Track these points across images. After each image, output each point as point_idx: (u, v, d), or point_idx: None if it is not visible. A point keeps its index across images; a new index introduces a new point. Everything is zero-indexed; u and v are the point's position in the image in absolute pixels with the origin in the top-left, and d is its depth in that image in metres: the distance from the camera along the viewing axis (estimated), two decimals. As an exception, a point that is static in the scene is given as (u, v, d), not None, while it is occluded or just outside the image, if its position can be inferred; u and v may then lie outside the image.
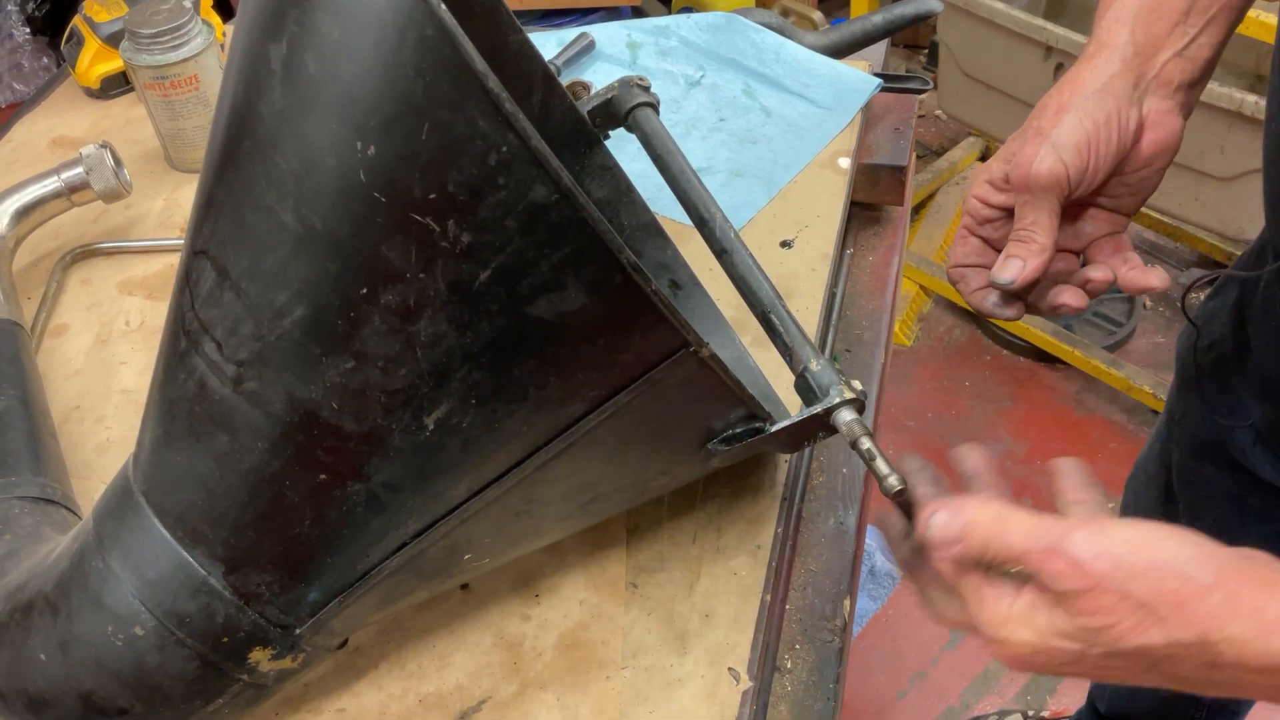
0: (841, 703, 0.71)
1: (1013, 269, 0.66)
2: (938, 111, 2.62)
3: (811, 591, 0.75)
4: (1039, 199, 0.65)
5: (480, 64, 0.43)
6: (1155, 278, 0.66)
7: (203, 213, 0.53)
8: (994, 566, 0.52)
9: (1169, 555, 0.48)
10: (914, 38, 2.89)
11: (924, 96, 1.11)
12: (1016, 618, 0.51)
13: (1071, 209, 0.68)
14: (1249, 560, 0.48)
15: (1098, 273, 0.68)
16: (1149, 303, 2.28)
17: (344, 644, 0.62)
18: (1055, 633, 0.50)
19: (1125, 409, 2.08)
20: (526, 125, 0.44)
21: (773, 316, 0.66)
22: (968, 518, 0.52)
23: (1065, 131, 0.64)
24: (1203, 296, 0.99)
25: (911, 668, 1.76)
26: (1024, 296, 0.70)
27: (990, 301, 0.70)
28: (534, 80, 0.77)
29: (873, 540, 1.71)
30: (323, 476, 0.52)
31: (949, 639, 1.78)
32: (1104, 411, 2.09)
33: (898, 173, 1.02)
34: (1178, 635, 0.47)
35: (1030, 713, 1.63)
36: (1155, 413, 2.04)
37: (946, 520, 0.52)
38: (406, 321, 0.48)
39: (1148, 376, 2.01)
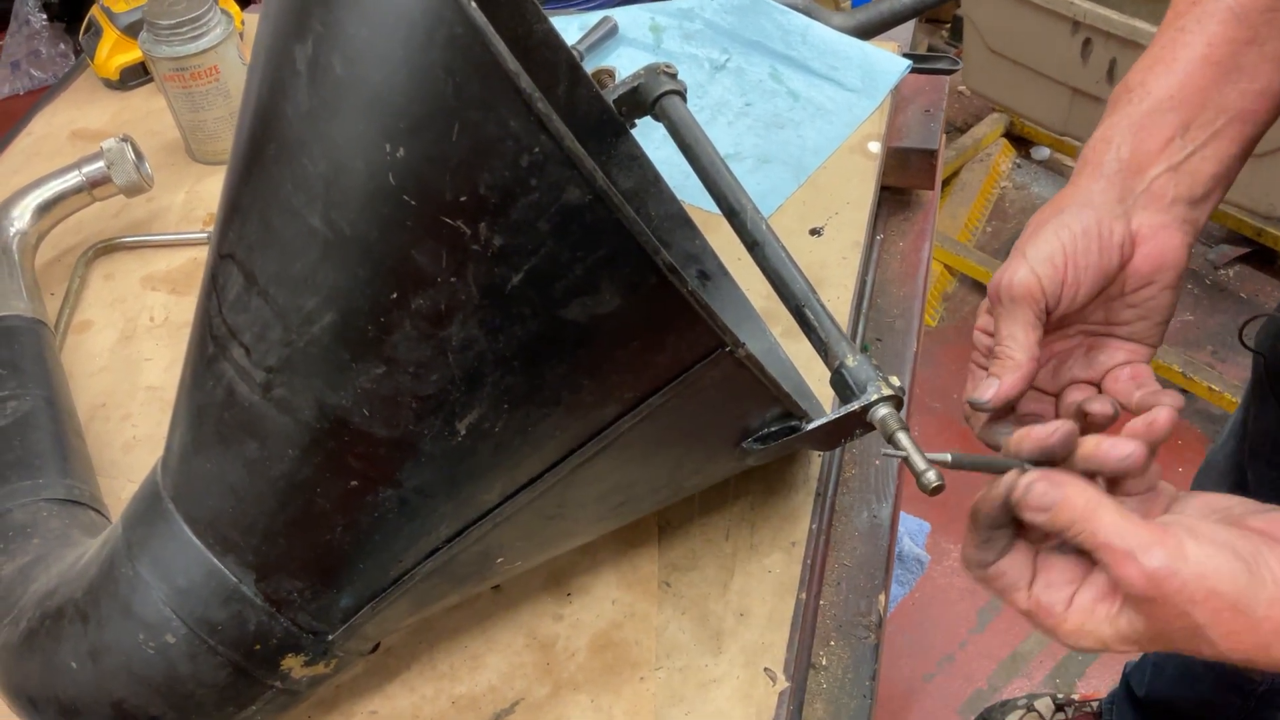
0: (877, 698, 0.70)
1: (989, 389, 0.61)
2: (961, 87, 2.59)
3: (846, 587, 0.74)
4: (1012, 311, 0.61)
5: (512, 63, 0.42)
6: (1167, 403, 0.60)
7: (229, 216, 0.52)
8: (1066, 543, 0.53)
9: (1229, 578, 0.49)
10: (936, 12, 2.85)
11: (946, 72, 1.09)
12: (1084, 609, 0.53)
13: (1086, 340, 0.66)
14: None
15: (1097, 405, 0.62)
16: (1177, 280, 2.25)
17: (376, 648, 0.61)
18: (1126, 631, 0.52)
19: (1153, 388, 2.06)
20: (560, 126, 0.43)
21: (806, 311, 0.65)
22: (1065, 493, 0.52)
23: (1039, 244, 0.61)
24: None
25: (939, 651, 1.75)
26: (1010, 413, 0.65)
27: (995, 431, 0.64)
28: (559, 69, 0.76)
29: (899, 525, 1.70)
30: (354, 483, 0.51)
31: (976, 622, 1.77)
32: (1132, 391, 2.07)
33: (928, 156, 1.00)
34: (1225, 653, 0.50)
35: (1060, 696, 1.61)
36: (1185, 391, 2.01)
37: (1045, 490, 0.52)
38: (437, 326, 0.47)
39: (1176, 355, 1.99)
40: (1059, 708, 1.60)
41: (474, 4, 0.42)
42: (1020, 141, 2.58)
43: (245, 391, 0.51)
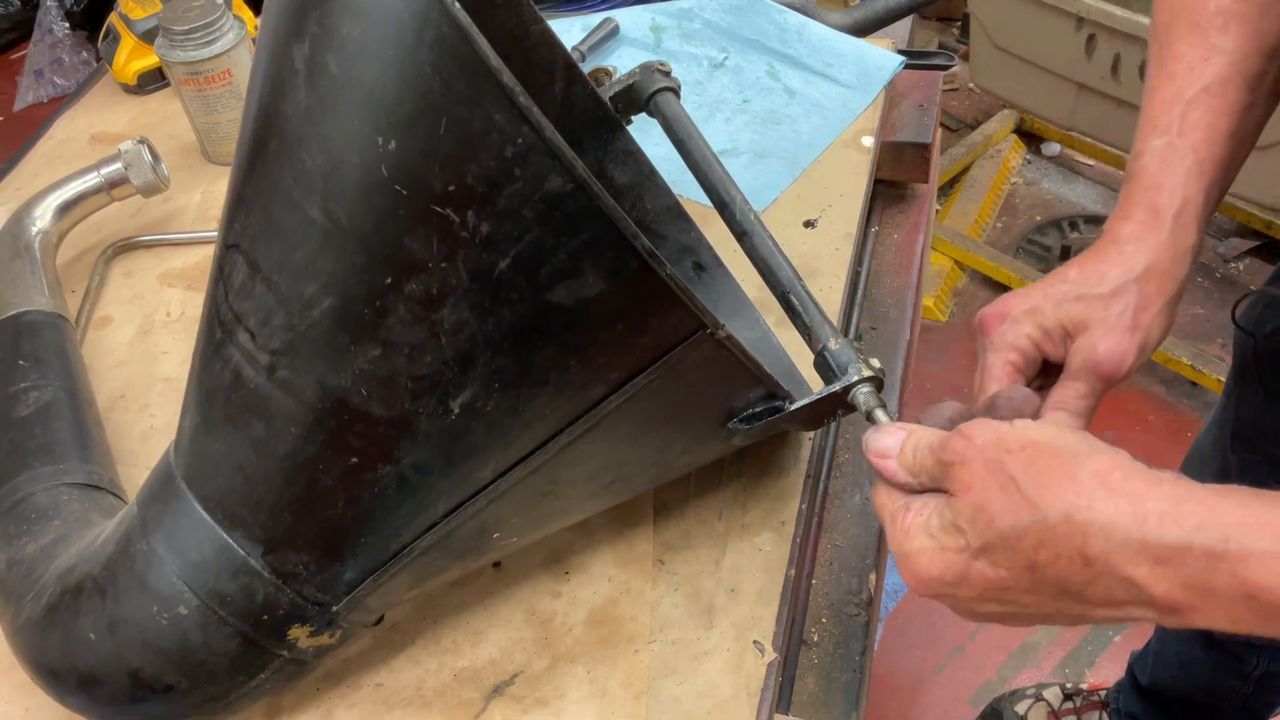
0: (868, 675, 0.72)
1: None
2: (970, 84, 2.60)
3: (838, 566, 0.76)
4: (1104, 388, 0.63)
5: (495, 60, 0.45)
6: None
7: (234, 208, 0.55)
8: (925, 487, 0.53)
9: (1050, 436, 0.48)
10: (947, 10, 2.87)
11: (956, 69, 1.11)
12: (916, 525, 0.52)
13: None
14: (1150, 469, 0.47)
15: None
16: (1187, 273, 2.25)
17: (380, 620, 0.64)
18: (943, 528, 0.50)
19: (1163, 381, 2.07)
20: (540, 118, 0.45)
21: (792, 297, 0.67)
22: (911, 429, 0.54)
23: (1154, 336, 0.63)
24: (1242, 267, 1.00)
25: (949, 641, 1.76)
26: None
27: None
28: (556, 69, 0.78)
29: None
30: (354, 460, 0.54)
31: (986, 613, 1.79)
32: (1142, 383, 2.08)
33: (922, 150, 1.02)
34: (1045, 512, 0.46)
35: (1068, 685, 1.63)
36: (1193, 384, 2.02)
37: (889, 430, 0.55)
38: (430, 310, 0.50)
39: (1186, 348, 2.00)
40: (1067, 697, 1.61)
41: (459, 4, 0.45)
42: (1030, 137, 2.59)
43: (251, 374, 0.54)
